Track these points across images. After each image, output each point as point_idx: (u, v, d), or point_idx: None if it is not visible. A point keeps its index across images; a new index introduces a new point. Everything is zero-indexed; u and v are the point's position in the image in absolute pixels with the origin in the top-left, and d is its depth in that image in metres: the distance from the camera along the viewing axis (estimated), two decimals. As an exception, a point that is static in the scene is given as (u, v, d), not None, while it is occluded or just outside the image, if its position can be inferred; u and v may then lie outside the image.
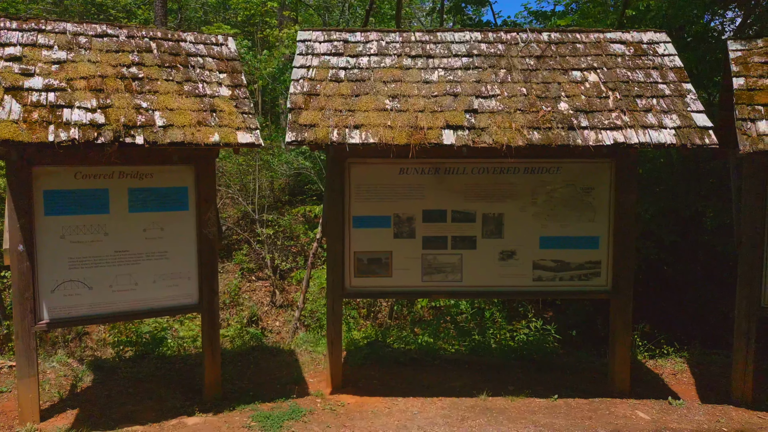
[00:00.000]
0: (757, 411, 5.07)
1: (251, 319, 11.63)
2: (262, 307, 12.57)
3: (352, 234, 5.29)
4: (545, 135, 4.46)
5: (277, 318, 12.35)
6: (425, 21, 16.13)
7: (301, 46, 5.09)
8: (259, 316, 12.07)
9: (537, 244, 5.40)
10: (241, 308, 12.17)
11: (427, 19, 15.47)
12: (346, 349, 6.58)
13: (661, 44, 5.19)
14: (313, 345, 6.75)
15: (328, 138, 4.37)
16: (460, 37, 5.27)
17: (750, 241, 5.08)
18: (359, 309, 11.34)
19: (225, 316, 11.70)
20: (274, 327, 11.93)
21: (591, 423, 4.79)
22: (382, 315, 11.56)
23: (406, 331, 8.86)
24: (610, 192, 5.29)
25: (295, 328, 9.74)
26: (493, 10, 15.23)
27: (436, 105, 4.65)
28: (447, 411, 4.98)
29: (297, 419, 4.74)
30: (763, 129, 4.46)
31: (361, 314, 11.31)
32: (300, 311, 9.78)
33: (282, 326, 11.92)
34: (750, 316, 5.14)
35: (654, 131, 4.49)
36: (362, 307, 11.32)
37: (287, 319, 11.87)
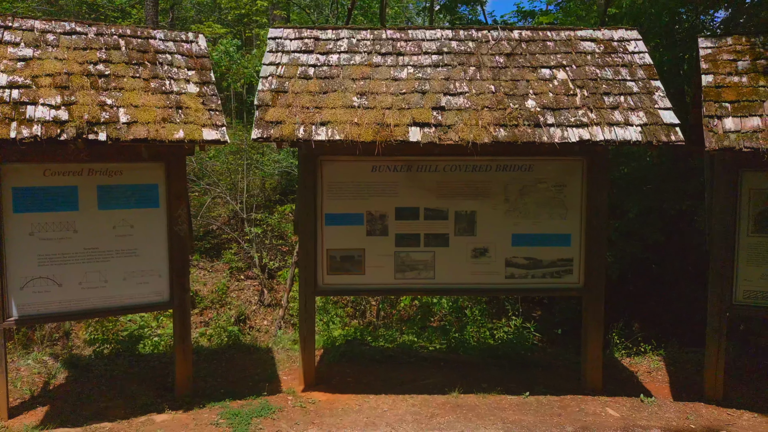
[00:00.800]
0: (728, 408, 5.07)
1: (239, 318, 11.65)
2: (250, 306, 12.57)
3: (325, 231, 5.30)
4: (511, 132, 4.46)
5: (265, 317, 12.35)
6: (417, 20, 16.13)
7: (272, 43, 5.10)
8: (247, 314, 12.07)
9: (509, 242, 5.41)
10: (229, 307, 12.18)
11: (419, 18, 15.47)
12: (324, 347, 6.59)
13: (632, 42, 5.20)
14: (292, 343, 6.76)
15: (294, 135, 4.38)
16: (431, 34, 5.28)
17: (721, 238, 5.09)
18: (346, 308, 11.35)
19: (213, 315, 11.72)
20: (262, 326, 11.93)
21: (559, 420, 4.79)
22: (370, 314, 11.58)
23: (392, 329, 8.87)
24: (582, 190, 5.29)
25: (279, 326, 9.74)
26: (484, 10, 15.22)
27: (404, 102, 4.66)
28: (417, 408, 4.99)
29: (266, 416, 4.74)
30: (729, 126, 4.46)
31: (348, 313, 11.32)
32: (284, 310, 9.78)
33: (270, 325, 11.92)
34: (721, 313, 5.14)
35: (620, 128, 4.50)
36: (348, 306, 11.34)
37: (275, 318, 11.88)
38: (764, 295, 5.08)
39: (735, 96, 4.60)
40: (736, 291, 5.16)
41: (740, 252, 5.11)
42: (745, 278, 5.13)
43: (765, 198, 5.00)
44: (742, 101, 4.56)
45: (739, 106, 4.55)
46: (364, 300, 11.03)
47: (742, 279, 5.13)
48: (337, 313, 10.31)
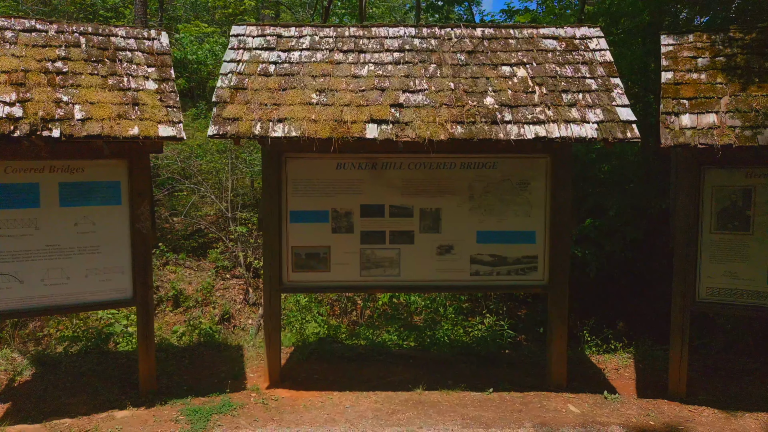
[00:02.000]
0: (691, 405, 5.08)
1: (223, 317, 11.66)
2: (235, 305, 12.59)
3: (290, 229, 5.30)
4: (468, 129, 4.47)
5: (250, 316, 12.36)
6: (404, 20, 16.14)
7: (234, 40, 5.10)
8: (232, 313, 12.08)
9: (474, 239, 5.42)
10: (213, 306, 12.18)
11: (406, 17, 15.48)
12: (295, 345, 6.60)
13: (593, 39, 5.20)
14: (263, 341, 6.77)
15: (251, 132, 4.38)
16: (394, 32, 5.29)
17: (684, 235, 5.10)
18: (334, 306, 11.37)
19: (197, 313, 11.72)
20: (247, 324, 11.94)
21: (519, 416, 4.80)
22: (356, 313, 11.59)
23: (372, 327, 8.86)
24: (546, 187, 5.30)
25: (258, 325, 9.74)
26: (472, 9, 15.24)
27: (363, 99, 4.66)
28: (379, 405, 5.00)
29: (226, 413, 4.75)
30: (686, 122, 4.47)
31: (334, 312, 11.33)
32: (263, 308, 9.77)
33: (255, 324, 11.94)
34: (684, 310, 5.15)
35: (576, 125, 4.50)
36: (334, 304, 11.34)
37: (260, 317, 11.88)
38: (727, 292, 5.09)
39: (693, 93, 4.61)
40: (699, 288, 5.17)
41: (703, 249, 5.12)
42: (708, 275, 5.13)
43: (727, 195, 5.01)
44: (700, 98, 4.57)
45: (696, 103, 4.56)
46: (347, 298, 11.04)
47: (705, 276, 5.14)
48: (319, 311, 10.33)
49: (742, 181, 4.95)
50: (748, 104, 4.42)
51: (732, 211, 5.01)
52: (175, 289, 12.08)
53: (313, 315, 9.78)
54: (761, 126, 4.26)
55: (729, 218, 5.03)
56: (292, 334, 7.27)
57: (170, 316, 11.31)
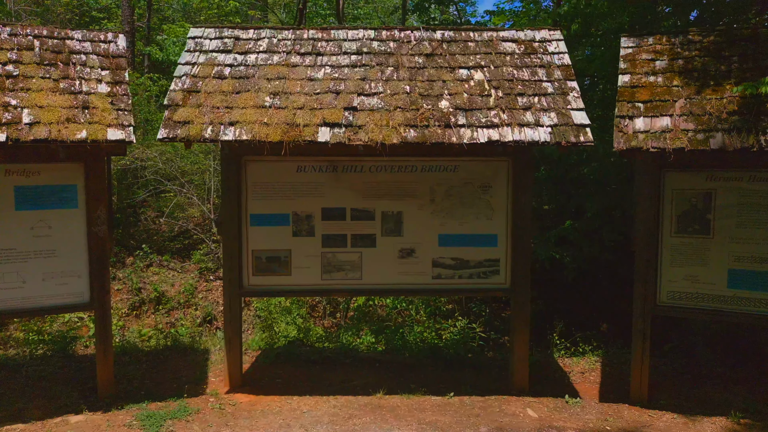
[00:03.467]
0: (652, 409, 5.06)
1: (205, 319, 11.62)
2: (217, 307, 12.55)
3: (250, 232, 5.27)
4: (421, 133, 4.44)
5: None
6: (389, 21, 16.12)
7: (191, 43, 5.08)
8: (214, 315, 12.05)
9: (436, 242, 5.39)
10: (195, 308, 12.15)
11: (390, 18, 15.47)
12: (262, 349, 6.57)
13: (553, 42, 5.18)
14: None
15: (201, 135, 4.36)
16: (353, 35, 5.26)
17: (644, 239, 5.07)
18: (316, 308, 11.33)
19: (179, 315, 11.68)
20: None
21: (476, 420, 4.78)
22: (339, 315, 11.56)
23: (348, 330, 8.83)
24: (507, 190, 5.27)
25: (235, 327, 9.70)
26: (459, 10, 15.22)
27: (317, 102, 4.64)
28: (338, 409, 4.97)
29: (180, 418, 4.72)
30: (640, 126, 4.44)
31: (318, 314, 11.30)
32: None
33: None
34: (645, 314, 5.13)
35: (530, 129, 4.48)
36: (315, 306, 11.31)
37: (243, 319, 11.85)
38: (688, 296, 5.06)
39: (648, 96, 4.58)
40: (660, 292, 5.14)
41: (664, 253, 5.09)
42: (668, 279, 5.11)
43: (687, 199, 4.98)
44: (655, 101, 4.54)
45: (651, 106, 4.53)
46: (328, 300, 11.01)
47: (666, 280, 5.12)
48: (300, 313, 10.30)
49: (702, 185, 4.93)
50: (702, 107, 4.40)
51: (692, 214, 4.99)
52: (157, 291, 12.03)
53: (293, 317, 9.76)
54: (714, 129, 4.24)
55: (689, 222, 5.00)
56: (260, 338, 7.23)
57: (152, 318, 11.27)
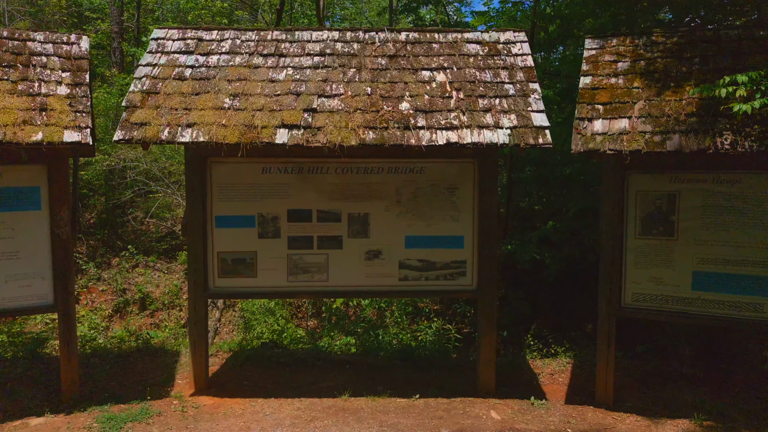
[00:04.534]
0: (616, 412, 5.05)
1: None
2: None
3: (216, 234, 5.26)
4: (380, 134, 4.43)
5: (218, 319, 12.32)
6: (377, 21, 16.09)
7: (153, 44, 5.06)
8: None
9: (403, 244, 5.38)
10: (179, 308, 12.14)
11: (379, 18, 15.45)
12: (233, 350, 6.55)
13: (517, 44, 5.17)
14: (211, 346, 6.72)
15: (158, 137, 4.34)
16: (317, 36, 5.25)
17: (609, 241, 5.06)
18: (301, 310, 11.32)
19: (163, 316, 11.68)
20: (211, 327, 11.90)
21: (438, 423, 4.76)
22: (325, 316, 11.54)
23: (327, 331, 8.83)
24: (474, 192, 5.26)
25: (215, 329, 9.71)
26: (446, 10, 15.21)
27: (277, 104, 4.62)
28: (301, 412, 4.95)
29: (141, 421, 4.71)
30: (598, 128, 4.43)
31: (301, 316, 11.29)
32: (221, 312, 9.75)
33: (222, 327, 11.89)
34: (610, 316, 5.12)
35: (489, 131, 4.47)
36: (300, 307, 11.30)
37: (227, 320, 11.85)
38: (653, 297, 5.05)
39: (608, 98, 4.57)
40: (625, 294, 5.13)
41: (628, 254, 5.08)
42: (633, 281, 5.10)
43: (652, 200, 4.97)
44: (614, 103, 4.53)
45: (610, 108, 4.52)
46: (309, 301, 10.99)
47: (631, 281, 5.11)
48: (282, 314, 10.29)
49: (666, 186, 4.92)
50: (660, 109, 4.38)
51: (657, 216, 4.98)
52: (141, 292, 12.03)
53: (276, 318, 9.75)
54: (671, 131, 4.22)
55: (654, 223, 4.99)
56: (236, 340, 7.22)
57: (136, 319, 11.26)
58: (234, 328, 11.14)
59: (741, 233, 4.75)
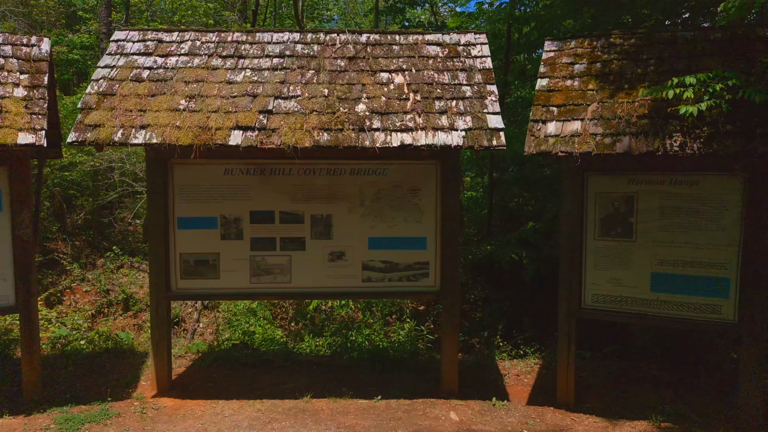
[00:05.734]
0: (576, 413, 5.06)
1: (173, 321, 11.60)
2: (186, 309, 12.54)
3: (178, 235, 5.27)
4: (334, 136, 4.44)
5: (200, 319, 12.32)
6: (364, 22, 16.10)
7: (113, 45, 5.07)
8: (182, 317, 12.04)
9: (366, 245, 5.39)
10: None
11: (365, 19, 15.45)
12: (201, 352, 6.56)
13: (477, 46, 5.18)
14: (174, 348, 6.73)
15: (111, 138, 4.35)
16: (278, 37, 5.25)
17: (568, 242, 5.07)
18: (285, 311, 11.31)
19: (146, 317, 11.65)
20: (197, 328, 11.90)
21: (395, 424, 4.77)
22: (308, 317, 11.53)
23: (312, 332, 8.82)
24: (436, 193, 5.27)
25: (193, 330, 9.72)
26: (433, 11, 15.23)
27: (232, 106, 4.63)
28: (260, 414, 4.96)
29: (98, 422, 4.71)
30: (551, 130, 4.44)
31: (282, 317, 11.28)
32: (199, 313, 9.75)
33: (205, 328, 11.89)
34: (570, 317, 5.13)
35: (444, 133, 4.48)
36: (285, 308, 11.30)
37: (211, 321, 11.86)
38: (612, 299, 5.06)
39: (563, 100, 4.58)
40: (584, 295, 5.15)
41: (588, 256, 5.10)
42: (593, 282, 5.11)
43: (610, 202, 4.98)
44: (569, 105, 4.54)
45: (565, 110, 4.53)
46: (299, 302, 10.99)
47: (590, 283, 5.12)
48: (264, 315, 10.29)
49: (624, 188, 4.93)
50: (613, 111, 4.40)
51: (615, 217, 4.99)
52: (125, 293, 12.02)
53: (258, 319, 9.74)
54: (622, 134, 4.23)
55: (612, 225, 5.00)
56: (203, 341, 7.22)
57: (120, 320, 11.25)
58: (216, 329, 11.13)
59: (699, 234, 4.76)
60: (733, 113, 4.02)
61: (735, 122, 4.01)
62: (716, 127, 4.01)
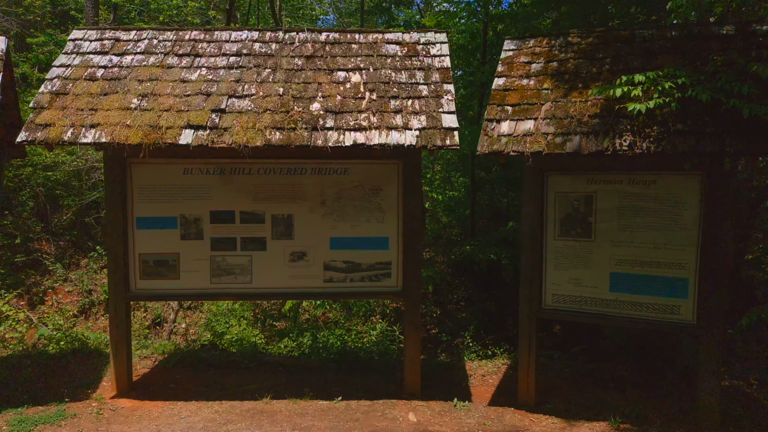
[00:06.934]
0: (536, 413, 5.03)
1: (155, 321, 11.58)
2: (170, 309, 12.50)
3: (137, 235, 5.23)
4: (287, 135, 4.41)
5: (185, 319, 12.29)
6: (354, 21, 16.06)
7: (70, 44, 5.03)
8: (164, 318, 12.01)
9: (327, 245, 5.35)
10: (143, 310, 12.10)
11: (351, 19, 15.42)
12: (168, 352, 6.52)
13: (436, 45, 5.14)
14: (143, 348, 6.71)
15: (60, 138, 4.31)
16: (236, 36, 5.22)
17: (529, 242, 5.05)
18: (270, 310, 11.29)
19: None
20: (180, 329, 11.87)
21: (352, 425, 4.74)
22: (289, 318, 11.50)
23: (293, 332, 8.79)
24: (398, 193, 5.24)
25: (170, 330, 9.68)
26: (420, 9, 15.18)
27: (185, 105, 4.60)
28: (217, 415, 4.92)
29: (52, 423, 4.68)
30: (504, 129, 4.41)
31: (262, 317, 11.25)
32: (176, 314, 9.71)
33: (188, 328, 11.86)
34: (531, 317, 5.10)
35: (398, 132, 4.44)
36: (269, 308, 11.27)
37: (193, 321, 11.83)
38: (572, 299, 5.03)
39: (518, 99, 4.55)
40: (545, 295, 5.12)
41: (548, 256, 5.07)
42: (553, 282, 5.09)
43: (570, 202, 4.95)
44: (523, 104, 4.50)
45: (519, 110, 4.49)
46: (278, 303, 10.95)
47: (551, 283, 5.09)
48: (243, 315, 10.25)
49: (583, 188, 4.90)
50: (566, 111, 4.36)
51: (575, 217, 4.96)
52: (107, 293, 11.96)
53: (237, 319, 9.72)
54: (573, 133, 4.20)
55: (572, 225, 4.97)
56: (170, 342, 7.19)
57: (102, 321, 11.22)
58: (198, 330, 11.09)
59: (657, 234, 4.73)
60: (684, 112, 3.99)
61: (686, 121, 3.98)
62: (666, 127, 3.97)
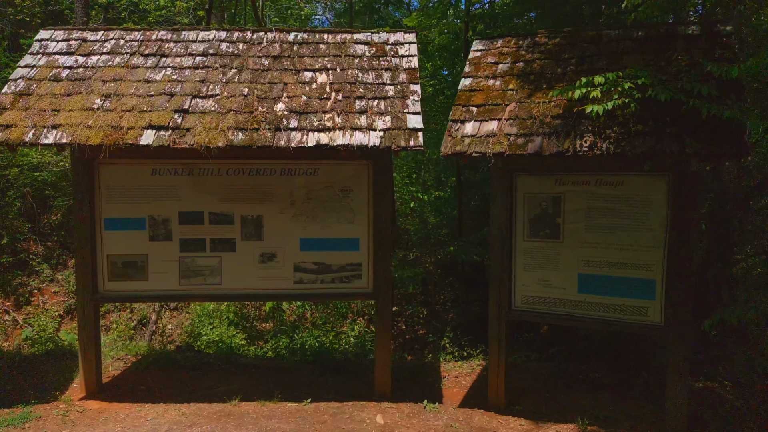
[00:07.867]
0: (504, 415, 5.00)
1: (140, 322, 11.55)
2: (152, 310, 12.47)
3: (105, 236, 5.20)
4: (249, 136, 4.38)
5: (170, 320, 12.27)
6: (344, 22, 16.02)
7: (36, 45, 5.01)
8: (150, 318, 11.99)
9: (297, 247, 5.33)
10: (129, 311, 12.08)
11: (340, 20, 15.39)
12: (141, 354, 6.49)
13: (405, 45, 5.12)
14: (118, 349, 6.68)
15: (21, 138, 4.29)
16: (203, 36, 5.20)
17: (498, 243, 5.02)
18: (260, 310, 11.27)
19: (114, 318, 11.59)
20: (166, 330, 11.85)
21: (319, 428, 4.71)
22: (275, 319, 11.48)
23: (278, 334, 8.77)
24: (368, 194, 5.22)
25: (151, 332, 9.65)
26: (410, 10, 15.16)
27: (148, 105, 4.57)
28: (184, 417, 4.90)
29: (16, 425, 4.65)
30: (468, 130, 4.39)
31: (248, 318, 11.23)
32: (157, 315, 9.69)
33: (174, 329, 11.83)
34: (500, 319, 5.08)
35: (361, 133, 4.42)
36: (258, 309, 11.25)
37: (179, 323, 11.80)
38: (541, 300, 5.01)
39: (483, 100, 4.53)
40: (515, 296, 5.10)
41: (517, 257, 5.05)
42: (522, 283, 5.07)
43: (538, 203, 4.93)
44: (488, 105, 4.48)
45: (483, 110, 4.47)
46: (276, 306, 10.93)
47: (520, 284, 5.07)
48: (228, 316, 10.23)
49: (552, 189, 4.88)
50: (529, 111, 4.34)
51: (543, 218, 4.94)
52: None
53: (221, 321, 9.70)
54: (534, 134, 4.18)
55: (541, 226, 4.95)
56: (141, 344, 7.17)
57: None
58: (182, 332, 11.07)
59: (625, 235, 4.71)
60: (644, 113, 3.96)
61: (646, 122, 3.95)
62: (627, 127, 3.95)
